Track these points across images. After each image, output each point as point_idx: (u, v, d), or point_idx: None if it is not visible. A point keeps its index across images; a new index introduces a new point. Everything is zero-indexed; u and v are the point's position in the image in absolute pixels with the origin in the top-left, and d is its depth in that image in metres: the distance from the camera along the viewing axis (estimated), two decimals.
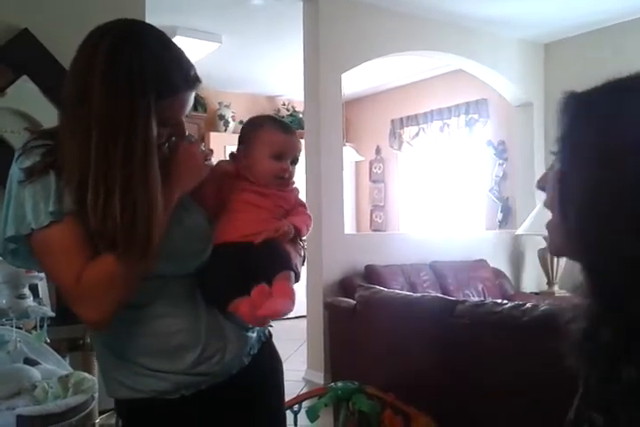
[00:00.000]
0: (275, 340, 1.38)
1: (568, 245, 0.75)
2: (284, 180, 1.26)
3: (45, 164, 1.03)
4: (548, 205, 0.83)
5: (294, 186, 1.31)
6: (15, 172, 1.05)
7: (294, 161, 1.28)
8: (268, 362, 1.35)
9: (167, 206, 1.07)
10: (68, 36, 2.85)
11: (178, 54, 1.09)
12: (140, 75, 1.01)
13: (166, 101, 1.06)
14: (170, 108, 1.07)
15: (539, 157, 5.45)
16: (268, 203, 1.23)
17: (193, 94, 1.12)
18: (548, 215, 0.82)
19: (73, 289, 1.03)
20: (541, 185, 0.85)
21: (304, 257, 1.32)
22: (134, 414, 1.20)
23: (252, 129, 1.29)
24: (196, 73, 1.11)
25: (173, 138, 1.15)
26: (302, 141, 4.39)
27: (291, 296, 1.12)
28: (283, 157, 1.24)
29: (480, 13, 4.75)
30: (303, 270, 1.22)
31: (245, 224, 1.19)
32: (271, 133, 1.25)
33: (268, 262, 1.16)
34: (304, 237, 1.32)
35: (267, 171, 1.23)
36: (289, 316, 1.16)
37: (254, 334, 1.29)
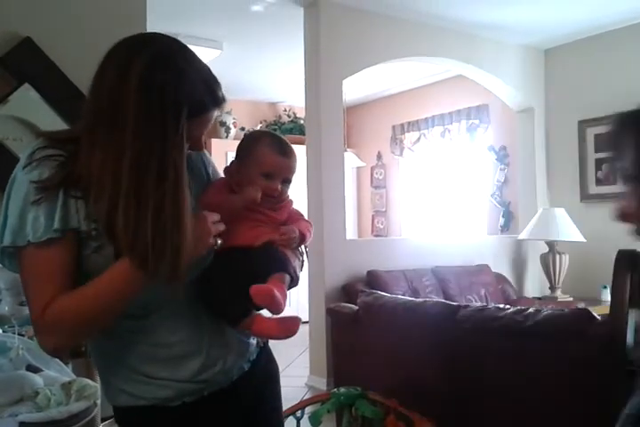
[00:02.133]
0: (277, 346, 1.39)
1: None
2: (274, 199, 1.24)
3: (58, 180, 1.01)
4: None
5: (288, 199, 1.30)
6: (21, 181, 1.02)
7: (286, 181, 1.26)
8: (266, 367, 1.35)
9: None
10: (71, 45, 2.89)
11: (207, 74, 1.08)
12: (173, 96, 1.01)
13: (194, 121, 1.05)
14: (196, 126, 1.07)
15: (540, 161, 5.46)
16: (261, 217, 1.23)
17: (216, 112, 1.11)
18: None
19: (36, 316, 1.02)
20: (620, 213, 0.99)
21: (303, 262, 1.32)
22: (134, 422, 1.19)
23: (248, 145, 1.28)
24: (222, 92, 1.10)
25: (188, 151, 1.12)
26: (303, 148, 4.44)
27: (282, 294, 1.12)
28: (273, 177, 1.23)
29: (481, 19, 4.77)
30: (305, 276, 1.22)
31: (246, 231, 1.20)
32: (265, 152, 1.24)
33: (266, 265, 1.16)
34: (306, 243, 1.32)
35: None
36: None
37: (254, 341, 1.29)
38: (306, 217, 1.34)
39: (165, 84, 1.00)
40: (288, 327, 1.14)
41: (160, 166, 1.00)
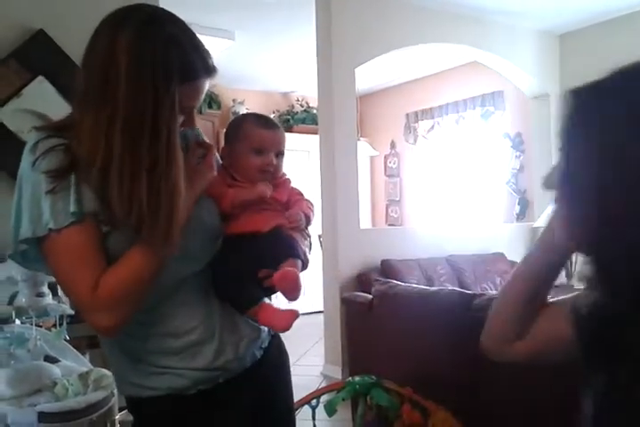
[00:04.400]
0: (292, 335, 1.39)
1: (574, 237, 0.77)
2: (270, 173, 1.25)
3: (66, 167, 1.01)
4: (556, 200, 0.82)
5: (285, 177, 1.31)
6: (30, 173, 1.03)
7: (279, 154, 1.27)
8: (277, 355, 1.36)
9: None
10: (84, 37, 2.87)
11: (197, 41, 1.09)
12: (164, 59, 1.01)
13: (185, 86, 1.05)
14: (187, 93, 1.07)
15: (556, 148, 5.40)
16: (264, 198, 1.23)
17: (208, 83, 1.11)
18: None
19: (88, 297, 1.02)
20: (548, 184, 0.85)
21: (311, 243, 1.32)
22: (148, 411, 1.20)
23: (234, 127, 1.30)
24: (213, 62, 1.10)
25: (182, 128, 1.13)
26: (317, 137, 4.42)
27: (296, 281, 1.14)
28: (265, 151, 1.24)
29: (495, 5, 4.70)
30: (319, 265, 1.22)
31: (252, 215, 1.20)
32: (251, 128, 1.25)
33: (276, 250, 1.17)
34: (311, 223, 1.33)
35: (250, 166, 1.23)
36: (306, 311, 1.18)
37: (265, 327, 1.30)
38: (307, 197, 1.34)
39: (155, 48, 1.01)
40: (287, 319, 1.15)
41: (152, 131, 1.00)
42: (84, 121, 1.02)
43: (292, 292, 1.13)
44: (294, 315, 1.15)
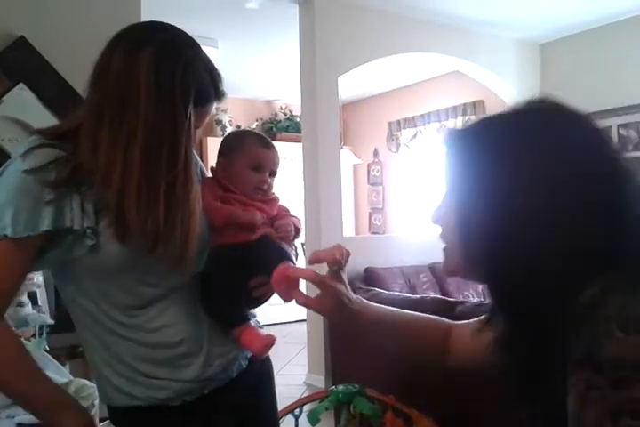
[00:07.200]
0: (276, 344, 1.39)
1: (468, 268, 0.86)
2: (263, 191, 1.29)
3: (66, 180, 1.00)
4: (444, 237, 0.93)
5: (274, 195, 1.35)
6: (14, 177, 0.99)
7: (272, 174, 1.32)
8: (262, 364, 1.36)
9: None
10: (65, 44, 2.87)
11: (211, 66, 1.11)
12: (183, 82, 1.03)
13: (196, 110, 1.07)
14: (197, 116, 1.09)
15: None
16: (252, 210, 1.25)
17: (214, 106, 1.15)
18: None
19: None
20: (436, 219, 0.94)
21: (297, 255, 1.36)
22: (131, 421, 1.18)
23: (234, 142, 1.34)
24: (223, 86, 1.13)
25: None
26: (300, 146, 4.42)
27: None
28: (261, 170, 1.28)
29: (475, 15, 4.76)
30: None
31: (240, 228, 1.21)
32: (252, 147, 1.30)
33: (266, 255, 1.19)
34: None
35: (246, 182, 1.27)
36: (289, 320, 1.19)
37: None
38: (297, 214, 1.38)
39: (175, 72, 1.03)
40: (266, 345, 1.19)
41: (170, 151, 1.02)
42: (99, 138, 1.02)
43: (291, 288, 1.13)
44: (272, 341, 1.19)
